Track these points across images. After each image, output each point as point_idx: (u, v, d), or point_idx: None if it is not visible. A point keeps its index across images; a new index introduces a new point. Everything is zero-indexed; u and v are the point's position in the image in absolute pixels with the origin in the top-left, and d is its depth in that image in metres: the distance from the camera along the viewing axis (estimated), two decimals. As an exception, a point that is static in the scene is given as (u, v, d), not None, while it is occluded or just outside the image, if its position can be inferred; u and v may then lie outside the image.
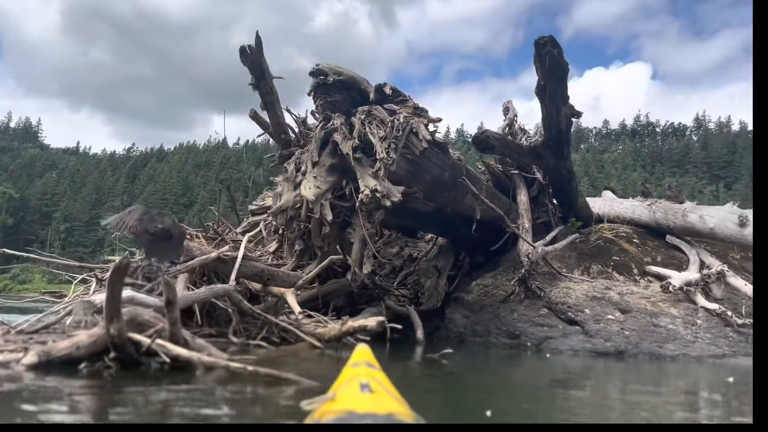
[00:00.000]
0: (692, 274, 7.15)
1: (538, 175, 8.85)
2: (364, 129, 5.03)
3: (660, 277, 7.37)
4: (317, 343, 4.80)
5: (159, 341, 2.90)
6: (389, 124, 4.94)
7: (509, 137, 8.67)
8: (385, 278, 9.04)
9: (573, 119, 7.58)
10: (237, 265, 5.06)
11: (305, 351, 4.87)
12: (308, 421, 1.08)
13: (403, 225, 9.82)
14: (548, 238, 8.21)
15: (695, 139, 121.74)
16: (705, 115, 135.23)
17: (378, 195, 4.89)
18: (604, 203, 10.75)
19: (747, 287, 6.36)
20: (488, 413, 2.23)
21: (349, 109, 5.44)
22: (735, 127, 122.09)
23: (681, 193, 8.72)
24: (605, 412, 2.95)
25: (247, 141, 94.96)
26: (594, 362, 5.60)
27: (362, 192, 4.97)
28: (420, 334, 6.61)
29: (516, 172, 8.58)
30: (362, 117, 5.12)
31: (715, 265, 7.07)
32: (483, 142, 7.21)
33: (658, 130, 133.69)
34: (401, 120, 4.98)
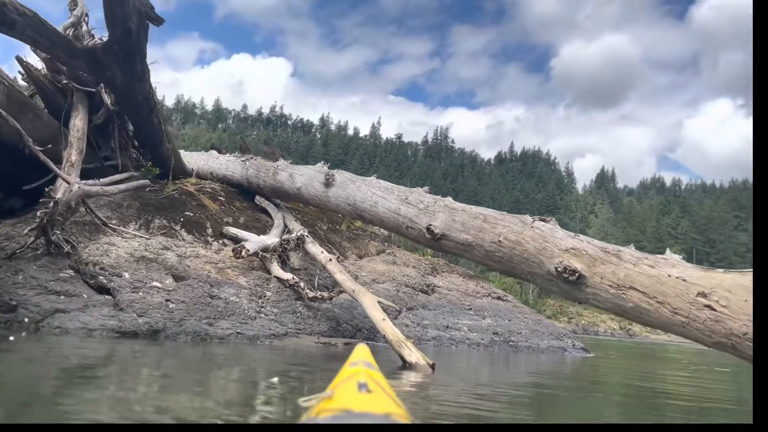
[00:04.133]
0: (272, 238, 6.09)
1: (107, 99, 6.66)
2: None
3: (236, 240, 6.12)
4: None
5: None
6: None
7: (71, 38, 6.24)
8: None
9: (151, 24, 5.68)
10: None
11: None
12: (305, 417, 0.99)
13: None
14: (105, 180, 6.13)
15: (319, 136, 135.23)
16: (329, 116, 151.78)
17: None
18: (200, 158, 9.23)
19: (323, 255, 5.53)
20: None
21: None
22: (350, 131, 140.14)
23: (278, 151, 7.74)
24: None
25: None
26: (116, 347, 3.83)
27: None
28: None
29: (67, 82, 6.21)
30: None
31: (298, 230, 6.14)
32: (-5, 10, 4.66)
33: (289, 122, 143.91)
34: None
